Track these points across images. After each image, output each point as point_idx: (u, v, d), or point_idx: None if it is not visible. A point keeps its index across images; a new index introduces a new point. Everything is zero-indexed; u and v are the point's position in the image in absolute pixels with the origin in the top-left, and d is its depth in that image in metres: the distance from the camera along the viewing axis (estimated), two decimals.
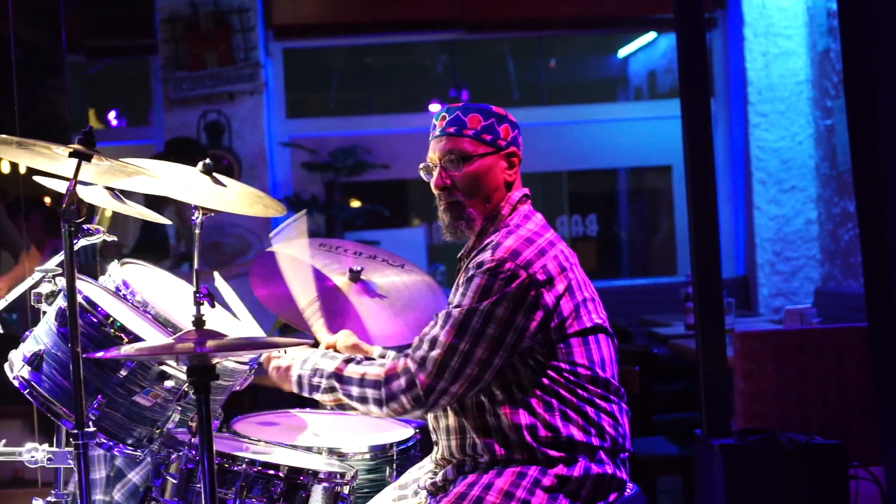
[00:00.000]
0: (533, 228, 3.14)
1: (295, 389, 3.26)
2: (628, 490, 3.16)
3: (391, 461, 3.55)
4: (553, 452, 3.03)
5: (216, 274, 3.83)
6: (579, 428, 3.05)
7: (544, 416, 3.03)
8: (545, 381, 3.05)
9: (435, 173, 3.22)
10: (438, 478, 3.17)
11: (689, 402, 6.33)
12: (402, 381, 3.03)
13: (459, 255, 3.29)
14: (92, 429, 2.96)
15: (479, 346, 2.99)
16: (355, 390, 3.11)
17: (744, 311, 8.65)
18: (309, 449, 3.49)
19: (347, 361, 3.19)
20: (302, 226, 3.74)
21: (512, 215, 3.20)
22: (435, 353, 3.01)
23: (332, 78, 10.85)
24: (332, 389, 3.17)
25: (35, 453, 3.31)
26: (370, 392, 3.08)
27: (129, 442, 3.21)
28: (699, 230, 4.69)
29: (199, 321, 2.91)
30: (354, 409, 3.16)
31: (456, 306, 3.04)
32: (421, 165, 3.26)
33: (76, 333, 2.89)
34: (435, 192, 3.25)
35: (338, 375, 3.16)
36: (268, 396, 6.67)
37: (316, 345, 5.42)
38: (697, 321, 4.74)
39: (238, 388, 3.59)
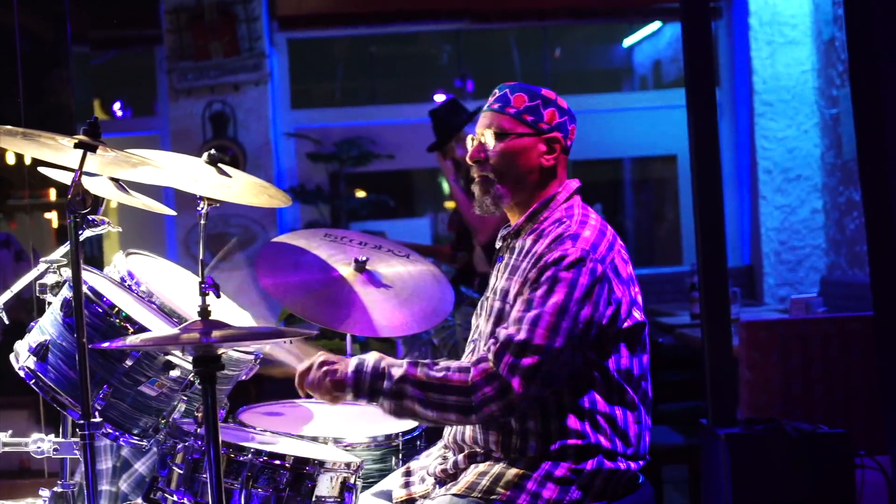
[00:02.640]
0: (599, 219, 3.15)
1: (349, 396, 2.99)
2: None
3: (396, 451, 3.55)
4: (568, 450, 3.02)
5: None
6: (606, 437, 3.03)
7: (575, 424, 3.00)
8: (584, 384, 3.01)
9: (473, 145, 3.23)
10: (448, 465, 3.16)
11: (694, 391, 6.32)
12: (493, 388, 2.89)
13: (504, 233, 3.24)
14: (98, 419, 2.97)
15: (568, 347, 2.93)
16: (434, 396, 2.91)
17: (749, 300, 8.65)
18: (315, 439, 3.49)
19: (416, 365, 2.96)
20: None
21: (570, 202, 3.18)
22: (528, 358, 2.89)
23: (337, 68, 10.83)
24: (399, 394, 2.94)
25: (41, 444, 3.31)
26: (453, 399, 2.91)
27: (135, 432, 3.21)
28: (704, 220, 4.69)
29: (204, 311, 2.91)
30: (421, 417, 2.97)
31: (541, 303, 2.94)
32: (469, 136, 3.26)
33: (82, 324, 2.89)
34: (469, 164, 3.27)
35: (411, 379, 2.94)
36: (274, 387, 6.68)
37: (319, 336, 5.40)
38: (703, 311, 4.74)
39: (244, 377, 3.60)
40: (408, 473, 3.31)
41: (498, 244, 3.27)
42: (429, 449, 3.41)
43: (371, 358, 3.01)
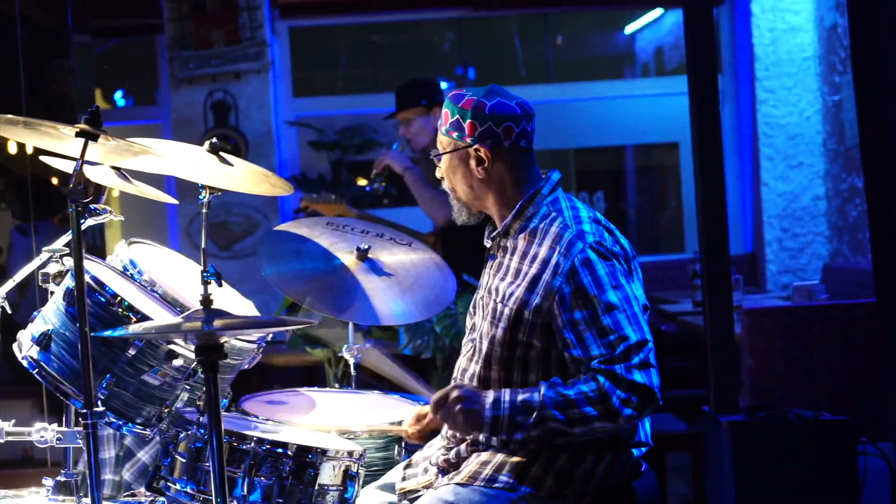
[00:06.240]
0: (588, 209, 3.16)
1: (487, 432, 3.01)
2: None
3: (399, 439, 3.55)
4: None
5: None
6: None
7: None
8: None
9: None
10: (451, 455, 3.17)
11: (697, 378, 6.32)
12: (623, 389, 2.88)
13: (494, 234, 3.22)
14: (101, 408, 2.97)
15: (647, 324, 2.98)
16: (575, 412, 2.88)
17: (752, 287, 8.64)
18: (317, 427, 3.50)
19: (550, 386, 2.94)
20: None
21: (554, 196, 3.17)
22: (636, 356, 2.90)
23: (339, 56, 10.82)
24: (542, 421, 2.91)
25: (44, 433, 3.32)
26: (595, 409, 2.87)
27: (138, 421, 3.22)
28: (707, 207, 4.68)
29: (206, 300, 2.91)
30: (570, 436, 2.93)
31: (608, 310, 2.93)
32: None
33: (84, 313, 2.89)
34: None
35: (549, 402, 2.90)
36: (277, 375, 6.69)
37: (321, 325, 5.40)
38: (705, 298, 4.74)
39: (246, 366, 3.60)
40: (410, 465, 3.32)
41: (487, 243, 3.27)
42: (433, 439, 3.41)
43: (506, 393, 2.98)
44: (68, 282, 3.24)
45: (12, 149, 6.16)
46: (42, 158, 3.54)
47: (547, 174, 3.20)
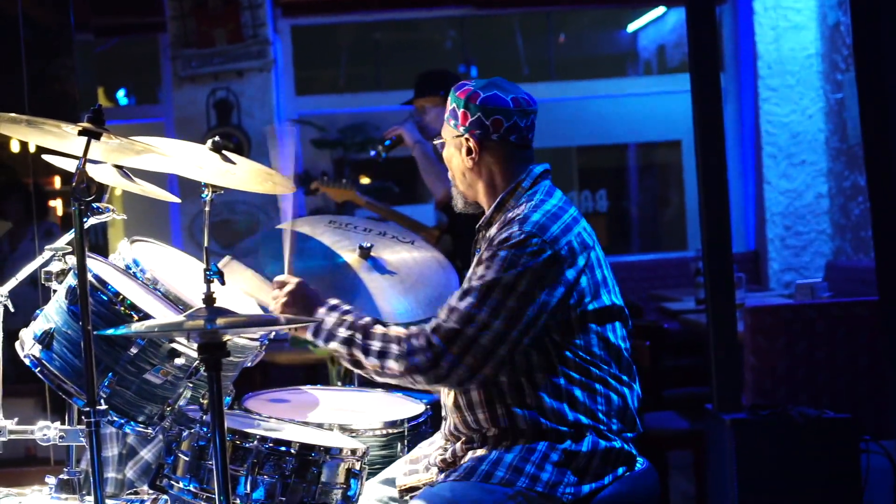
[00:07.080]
0: (558, 204, 3.14)
1: (308, 333, 3.23)
2: (639, 465, 3.16)
3: (402, 437, 3.55)
4: (561, 431, 3.04)
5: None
6: (586, 412, 3.05)
7: (551, 401, 3.03)
8: (556, 363, 3.04)
9: None
10: (448, 454, 3.18)
11: (699, 376, 6.32)
12: (419, 341, 3.03)
13: (478, 225, 3.27)
14: (103, 406, 2.97)
15: (497, 318, 2.98)
16: (377, 344, 3.09)
17: (754, 285, 8.64)
18: (320, 425, 3.50)
19: (376, 322, 3.19)
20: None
21: (534, 188, 3.19)
22: (452, 321, 3.01)
23: (341, 54, 10.83)
24: (350, 341, 3.14)
25: (47, 431, 3.31)
26: (393, 347, 3.07)
27: (140, 419, 3.21)
28: (709, 205, 4.68)
29: (209, 298, 2.91)
30: (367, 366, 3.13)
31: (479, 278, 3.02)
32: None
33: (87, 311, 2.89)
34: None
35: (363, 329, 3.14)
36: (279, 373, 6.68)
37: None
38: (708, 296, 4.74)
39: (249, 364, 3.60)
40: (411, 462, 3.32)
41: (476, 237, 3.30)
42: (433, 437, 3.41)
43: (343, 306, 3.25)
44: (70, 280, 3.23)
45: (14, 147, 6.17)
46: (44, 157, 3.54)
47: (530, 167, 3.21)
